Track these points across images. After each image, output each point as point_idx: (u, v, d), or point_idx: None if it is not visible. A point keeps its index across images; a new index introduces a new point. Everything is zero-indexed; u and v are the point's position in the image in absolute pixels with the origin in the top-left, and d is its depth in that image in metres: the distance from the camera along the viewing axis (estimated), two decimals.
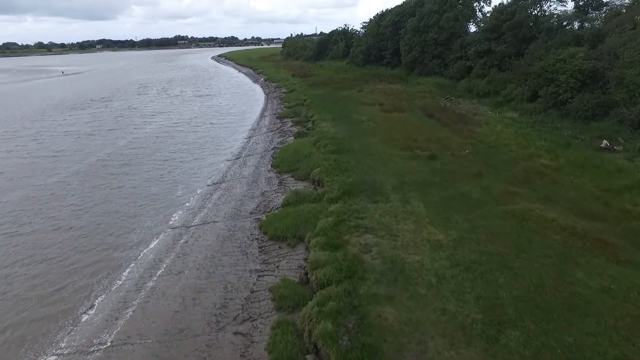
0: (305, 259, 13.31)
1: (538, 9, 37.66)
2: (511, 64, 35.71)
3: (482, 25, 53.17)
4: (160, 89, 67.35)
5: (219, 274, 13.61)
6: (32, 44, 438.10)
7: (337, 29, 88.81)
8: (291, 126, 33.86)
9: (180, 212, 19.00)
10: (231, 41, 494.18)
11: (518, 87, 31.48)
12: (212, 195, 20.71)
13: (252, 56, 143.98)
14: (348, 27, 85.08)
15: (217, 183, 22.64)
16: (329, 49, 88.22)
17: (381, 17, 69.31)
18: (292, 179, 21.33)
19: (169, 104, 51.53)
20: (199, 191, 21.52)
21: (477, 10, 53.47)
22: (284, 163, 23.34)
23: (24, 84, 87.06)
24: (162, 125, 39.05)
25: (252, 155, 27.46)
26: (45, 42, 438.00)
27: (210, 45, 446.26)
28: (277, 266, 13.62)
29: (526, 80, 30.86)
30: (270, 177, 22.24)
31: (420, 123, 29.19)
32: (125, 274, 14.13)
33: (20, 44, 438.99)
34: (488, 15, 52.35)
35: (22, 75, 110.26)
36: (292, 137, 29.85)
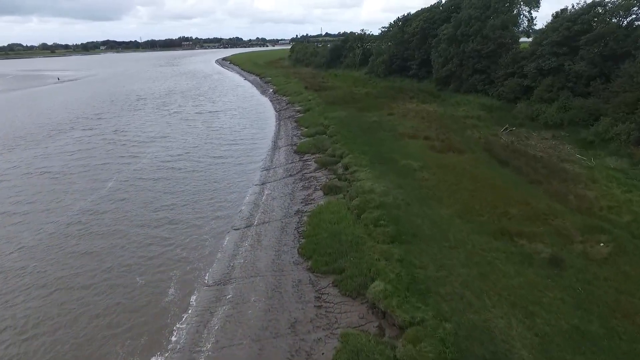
0: None
1: (628, 16, 29.70)
2: (595, 87, 27.97)
3: (532, 33, 45.55)
4: (160, 103, 60.06)
5: None
6: (37, 45, 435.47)
7: (352, 33, 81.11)
8: (316, 170, 26.28)
9: None
10: (235, 42, 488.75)
11: (618, 123, 23.70)
12: (206, 325, 13.11)
13: (258, 60, 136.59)
14: (365, 32, 77.40)
15: (217, 285, 15.17)
16: (344, 56, 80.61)
17: (405, 22, 61.62)
18: (336, 290, 13.74)
19: (166, 126, 44.18)
20: (189, 315, 13.94)
21: (524, 16, 45.76)
22: (318, 253, 15.78)
23: (12, 94, 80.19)
24: (155, 160, 31.69)
25: (268, 223, 19.93)
26: (50, 43, 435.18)
27: (214, 47, 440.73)
28: None
29: (631, 114, 23.11)
30: (299, 281, 14.68)
31: (494, 176, 21.52)
32: None
33: (24, 45, 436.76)
34: (535, 22, 44.87)
35: (14, 83, 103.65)
36: (321, 192, 22.31)
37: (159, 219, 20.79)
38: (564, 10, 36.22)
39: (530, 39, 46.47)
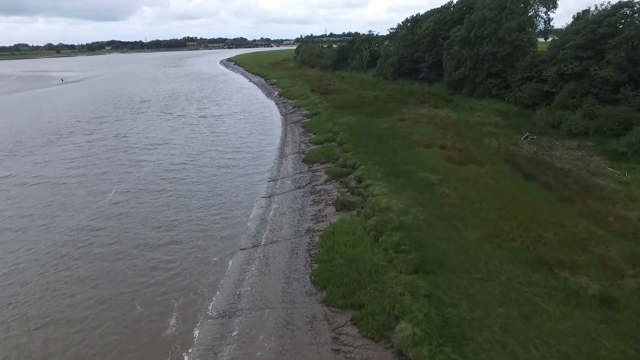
0: None
1: None
2: (625, 94, 26.22)
3: (549, 34, 43.76)
4: (163, 106, 58.77)
5: None
6: (42, 45, 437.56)
7: (359, 34, 79.42)
8: (326, 182, 24.75)
9: None
10: (240, 42, 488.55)
11: None
12: None
13: (263, 61, 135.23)
14: (373, 34, 75.70)
15: (222, 318, 13.68)
16: (350, 58, 79.01)
17: (414, 23, 59.97)
18: (355, 330, 12.17)
19: (170, 131, 42.82)
20: (192, 356, 12.45)
21: (540, 17, 43.95)
22: (333, 282, 14.23)
23: (14, 95, 79.34)
24: (158, 168, 30.34)
25: (277, 243, 18.41)
26: (55, 44, 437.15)
27: (219, 47, 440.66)
28: None
29: None
30: (313, 316, 13.13)
31: (521, 192, 19.87)
32: None
33: (30, 45, 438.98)
34: (552, 23, 43.06)
35: (17, 84, 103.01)
36: (333, 207, 20.78)
37: (160, 238, 19.34)
38: (586, 12, 34.46)
39: (546, 40, 44.70)
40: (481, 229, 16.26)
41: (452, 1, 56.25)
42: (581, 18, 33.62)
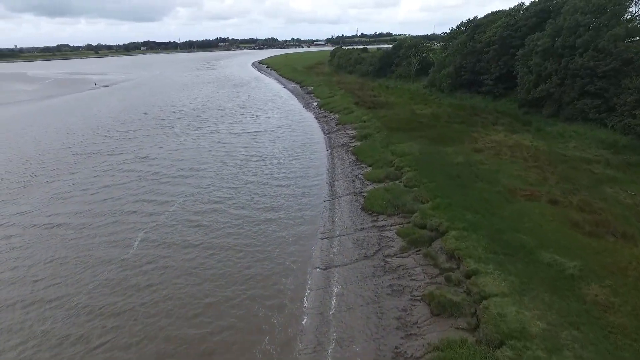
0: None
1: None
2: None
3: None
4: (194, 119, 54.23)
5: None
6: (82, 46, 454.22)
7: (404, 38, 72.19)
8: (403, 251, 18.34)
9: None
10: (271, 43, 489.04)
11: None
12: None
13: (296, 65, 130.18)
14: (422, 36, 68.33)
15: None
16: (395, 65, 72.04)
17: (475, 28, 52.42)
18: None
19: (202, 152, 37.82)
20: None
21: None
22: None
23: (47, 102, 77.71)
24: (188, 205, 25.38)
25: None
26: (94, 44, 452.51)
27: (250, 47, 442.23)
28: None
29: None
30: None
31: None
32: None
33: (71, 45, 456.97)
34: None
35: (52, 89, 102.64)
36: (425, 307, 14.44)
37: (192, 341, 13.73)
38: None
39: None
40: None
41: (523, 3, 48.45)
42: None
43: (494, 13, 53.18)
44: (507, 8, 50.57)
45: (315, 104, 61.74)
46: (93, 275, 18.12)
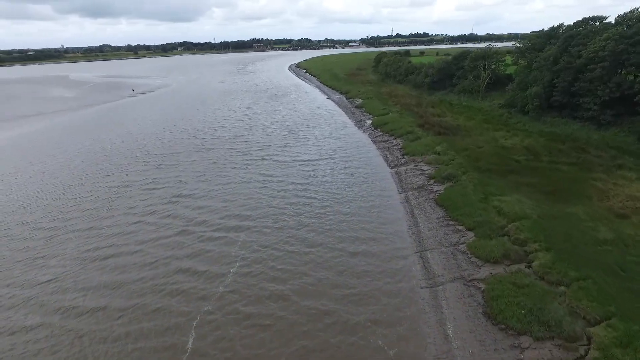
0: None
1: None
2: None
3: None
4: (236, 140, 48.84)
5: None
6: (122, 46, 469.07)
7: (472, 52, 63.59)
8: None
9: None
10: (305, 44, 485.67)
11: None
12: None
13: (336, 70, 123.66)
14: (491, 47, 59.86)
15: None
16: (457, 77, 63.94)
17: (569, 39, 43.83)
18: None
19: (248, 191, 31.95)
20: None
21: None
22: None
23: (83, 112, 75.24)
24: (242, 286, 19.10)
25: None
26: (134, 44, 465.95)
27: (284, 48, 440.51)
28: None
29: None
30: None
31: None
32: None
33: (112, 45, 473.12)
34: None
35: (91, 95, 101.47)
36: None
37: None
38: None
39: None
40: None
41: (637, 9, 39.56)
42: None
43: (593, 19, 44.42)
44: (592, 14, 41.94)
45: (368, 121, 54.95)
46: None
